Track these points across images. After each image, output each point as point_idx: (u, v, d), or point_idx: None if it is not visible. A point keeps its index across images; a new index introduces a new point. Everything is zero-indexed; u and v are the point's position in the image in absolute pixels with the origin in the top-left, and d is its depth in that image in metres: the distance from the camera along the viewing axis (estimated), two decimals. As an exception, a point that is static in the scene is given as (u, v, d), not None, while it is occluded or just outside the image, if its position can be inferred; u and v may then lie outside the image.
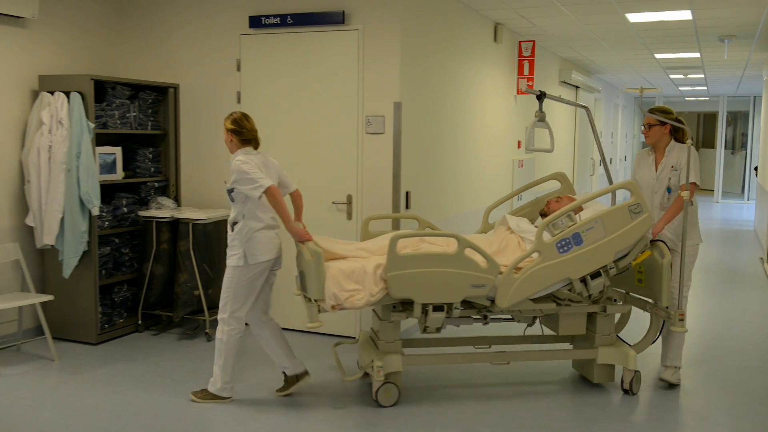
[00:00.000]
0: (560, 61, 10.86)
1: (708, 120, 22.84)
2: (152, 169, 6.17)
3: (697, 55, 10.33)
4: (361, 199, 5.65)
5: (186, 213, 5.83)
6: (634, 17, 7.32)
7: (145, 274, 5.91)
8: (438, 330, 4.48)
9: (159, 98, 6.21)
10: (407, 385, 4.71)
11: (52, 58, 5.85)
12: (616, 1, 6.51)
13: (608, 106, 15.51)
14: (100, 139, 5.72)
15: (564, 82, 10.98)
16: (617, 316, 4.98)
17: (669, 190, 4.84)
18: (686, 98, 20.34)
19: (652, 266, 4.63)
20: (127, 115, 5.90)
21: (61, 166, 5.37)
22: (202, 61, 6.13)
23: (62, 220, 5.38)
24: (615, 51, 10.06)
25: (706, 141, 22.69)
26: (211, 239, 5.88)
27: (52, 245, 5.43)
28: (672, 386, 4.85)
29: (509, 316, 4.64)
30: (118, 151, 5.84)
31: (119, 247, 5.90)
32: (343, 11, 5.52)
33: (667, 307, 4.53)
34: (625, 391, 4.65)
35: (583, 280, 4.41)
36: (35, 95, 5.62)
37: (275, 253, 4.46)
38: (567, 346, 5.10)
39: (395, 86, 5.45)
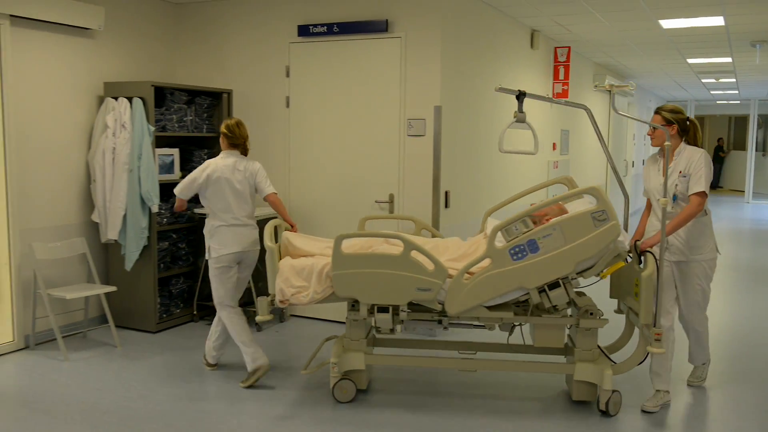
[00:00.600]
0: (594, 66, 10.82)
1: (739, 123, 22.51)
2: (207, 170, 6.33)
3: (729, 59, 10.22)
4: (403, 198, 5.73)
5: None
6: (667, 23, 7.30)
7: (200, 267, 6.09)
8: (391, 331, 4.26)
9: (213, 103, 6.37)
10: (390, 387, 4.64)
11: (116, 66, 6.03)
12: (650, 8, 6.51)
13: (641, 109, 15.37)
14: (160, 142, 5.89)
15: (598, 86, 10.91)
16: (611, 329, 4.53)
17: (675, 197, 4.24)
18: (717, 101, 20.03)
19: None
20: (184, 119, 6.07)
21: (123, 167, 5.55)
22: (253, 67, 6.26)
23: (125, 216, 5.55)
24: (648, 56, 10.00)
25: (737, 143, 22.39)
26: (260, 235, 6.01)
27: (115, 240, 5.63)
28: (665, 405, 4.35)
29: (476, 323, 4.28)
30: (175, 152, 6.02)
31: (176, 242, 6.08)
32: (387, 20, 5.62)
33: (645, 325, 3.99)
34: (602, 412, 4.16)
35: (543, 290, 3.99)
36: (101, 101, 5.81)
37: (238, 248, 4.68)
38: (561, 358, 4.61)
39: (436, 91, 5.54)
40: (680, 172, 4.21)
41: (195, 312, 6.13)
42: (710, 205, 4.41)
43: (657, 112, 4.34)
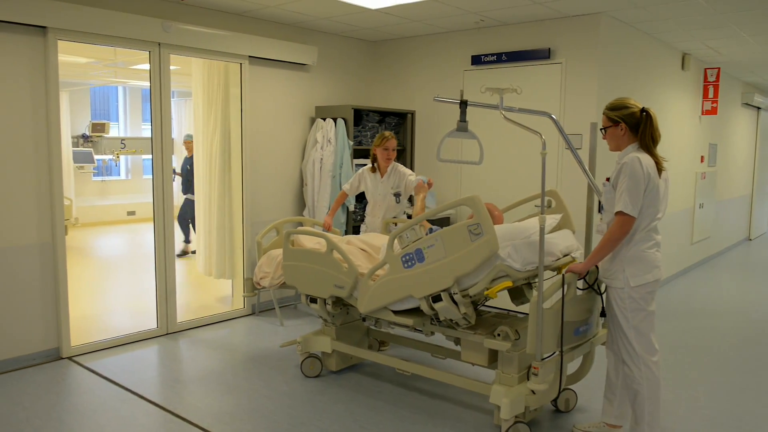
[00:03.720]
0: (743, 85, 9.94)
1: None
2: (393, 177, 6.57)
3: None
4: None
5: (418, 211, 6.15)
6: (820, 42, 6.59)
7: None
8: (332, 320, 4.10)
9: (400, 122, 6.59)
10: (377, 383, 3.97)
11: (325, 93, 6.39)
12: (803, 29, 5.92)
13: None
14: (356, 153, 6.18)
15: (746, 104, 10.05)
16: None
17: (600, 208, 3.24)
18: None
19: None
20: (376, 135, 6.34)
21: (328, 174, 5.90)
22: (433, 91, 6.37)
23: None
24: (799, 74, 9.05)
25: None
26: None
27: (320, 232, 6.01)
28: None
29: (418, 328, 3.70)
30: (369, 162, 6.29)
31: (367, 236, 6.35)
32: (549, 48, 5.54)
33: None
34: None
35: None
36: (312, 121, 6.22)
37: None
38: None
39: (592, 108, 5.38)
40: (607, 178, 3.18)
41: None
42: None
43: (603, 112, 3.23)
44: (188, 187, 7.87)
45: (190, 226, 8.25)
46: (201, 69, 5.84)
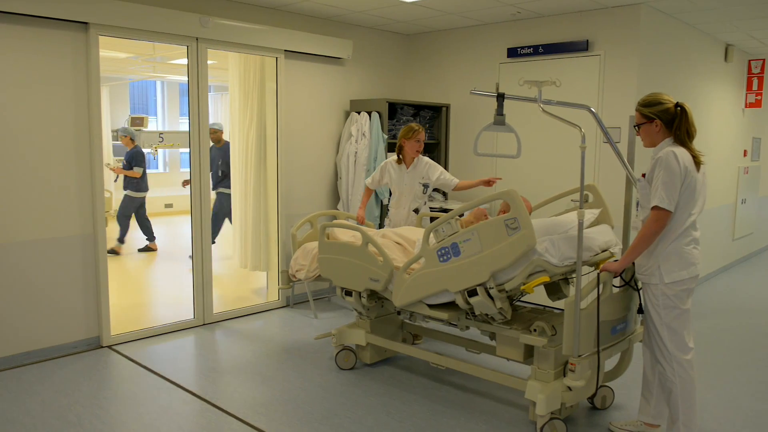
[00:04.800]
0: (789, 77, 9.62)
1: None
2: (427, 171, 6.54)
3: None
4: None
5: (451, 204, 6.10)
6: None
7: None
8: (366, 313, 4.10)
9: (434, 115, 6.56)
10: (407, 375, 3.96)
11: (360, 87, 6.39)
12: None
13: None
14: (391, 147, 6.16)
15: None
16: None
17: (638, 205, 3.18)
18: None
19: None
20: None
21: (362, 167, 5.90)
22: (467, 85, 6.32)
23: (362, 207, 5.92)
24: None
25: None
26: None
27: (354, 225, 6.02)
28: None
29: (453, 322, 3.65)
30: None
31: (401, 230, 6.35)
32: (587, 40, 5.44)
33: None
34: None
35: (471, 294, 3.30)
36: (347, 115, 6.23)
37: None
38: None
39: (631, 101, 5.26)
40: (643, 174, 3.11)
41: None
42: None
43: (636, 108, 3.14)
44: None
45: (137, 223, 7.91)
46: (237, 63, 5.89)
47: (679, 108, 3.01)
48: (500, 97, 3.37)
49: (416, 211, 4.84)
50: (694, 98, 6.42)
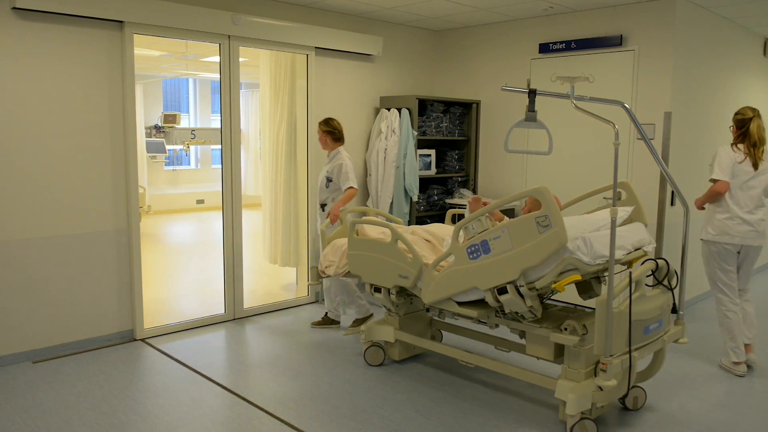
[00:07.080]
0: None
1: None
2: (457, 167, 6.51)
3: None
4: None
5: (481, 202, 6.09)
6: None
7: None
8: (395, 309, 4.11)
9: (464, 112, 6.53)
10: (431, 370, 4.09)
11: (390, 83, 6.40)
12: None
13: None
14: (421, 144, 6.18)
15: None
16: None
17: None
18: None
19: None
20: (441, 125, 6.29)
21: (392, 164, 5.90)
22: (498, 81, 6.27)
23: (391, 203, 5.87)
24: None
25: None
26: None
27: (384, 222, 6.02)
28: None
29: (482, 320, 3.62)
30: (432, 153, 6.27)
31: (430, 227, 6.34)
32: (621, 35, 5.36)
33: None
34: None
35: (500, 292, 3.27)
36: (377, 111, 6.23)
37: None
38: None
39: (666, 97, 5.18)
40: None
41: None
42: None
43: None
44: None
45: None
46: (268, 60, 5.94)
47: (751, 115, 4.20)
48: (531, 94, 3.32)
49: (322, 206, 5.03)
50: (730, 93, 6.28)
